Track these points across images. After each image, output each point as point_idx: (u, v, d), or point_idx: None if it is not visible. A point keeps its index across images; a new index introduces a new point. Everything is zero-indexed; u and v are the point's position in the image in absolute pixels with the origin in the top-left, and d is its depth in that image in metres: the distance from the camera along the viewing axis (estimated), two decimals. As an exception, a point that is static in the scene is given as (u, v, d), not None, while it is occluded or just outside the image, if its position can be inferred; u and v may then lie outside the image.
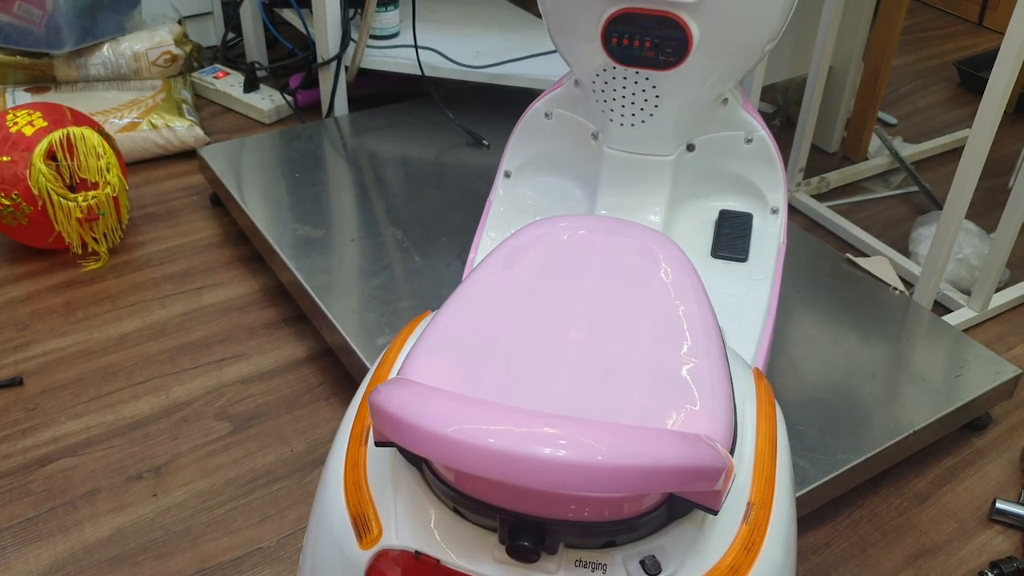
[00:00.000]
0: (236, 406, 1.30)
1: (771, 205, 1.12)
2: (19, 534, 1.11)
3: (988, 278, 1.46)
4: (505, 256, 0.75)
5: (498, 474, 0.50)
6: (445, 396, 0.54)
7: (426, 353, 0.64)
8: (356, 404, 0.72)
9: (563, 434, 0.51)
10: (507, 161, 1.15)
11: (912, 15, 2.72)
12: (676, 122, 1.04)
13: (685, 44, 0.96)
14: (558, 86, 1.11)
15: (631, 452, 0.50)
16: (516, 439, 0.50)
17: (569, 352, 0.66)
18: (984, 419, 1.31)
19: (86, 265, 1.55)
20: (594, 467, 0.49)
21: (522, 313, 0.69)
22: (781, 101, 2.08)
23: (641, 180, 1.08)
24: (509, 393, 0.62)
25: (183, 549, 1.10)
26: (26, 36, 1.80)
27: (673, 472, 0.51)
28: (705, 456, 0.52)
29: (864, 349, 1.27)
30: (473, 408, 0.52)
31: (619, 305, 0.70)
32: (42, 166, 1.42)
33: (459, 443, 0.50)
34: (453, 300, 0.70)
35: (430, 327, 0.67)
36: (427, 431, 0.51)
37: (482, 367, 0.64)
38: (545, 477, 0.49)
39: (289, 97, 2.00)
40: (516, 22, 1.99)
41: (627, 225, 0.79)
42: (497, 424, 0.51)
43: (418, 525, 0.60)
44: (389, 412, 0.54)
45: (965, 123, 2.10)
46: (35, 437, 1.24)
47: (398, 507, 0.61)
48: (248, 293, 1.51)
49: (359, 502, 0.63)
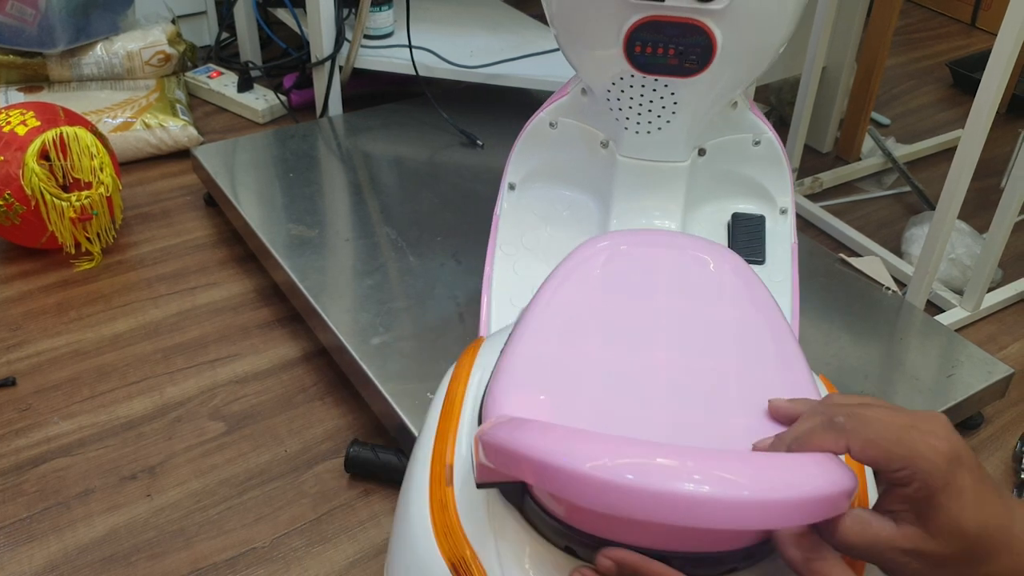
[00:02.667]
0: (230, 406, 1.30)
1: (780, 206, 1.11)
2: (12, 534, 1.11)
3: (980, 278, 1.47)
4: (567, 277, 0.72)
5: (663, 516, 0.48)
6: (586, 435, 0.51)
7: (512, 386, 0.62)
8: (429, 442, 0.68)
9: (720, 469, 0.49)
10: (511, 173, 1.12)
11: (905, 16, 2.73)
12: (691, 128, 1.03)
13: (710, 51, 0.94)
14: (562, 94, 1.09)
15: (777, 484, 0.49)
16: (684, 476, 0.48)
17: (660, 375, 0.63)
18: (976, 419, 1.32)
19: (79, 265, 1.55)
20: (762, 503, 0.48)
21: (602, 336, 0.66)
22: (775, 101, 2.09)
23: (656, 187, 1.07)
24: (610, 422, 0.60)
25: (177, 549, 1.10)
26: (19, 35, 1.79)
27: (820, 500, 0.49)
28: (840, 477, 0.51)
29: (857, 349, 1.27)
30: (627, 447, 0.50)
31: (697, 321, 0.68)
32: (35, 166, 1.42)
33: (614, 485, 0.48)
34: (525, 326, 0.67)
35: (507, 357, 0.64)
36: (583, 474, 0.48)
37: (575, 397, 0.61)
38: (713, 516, 0.48)
39: (283, 97, 2.00)
40: (511, 22, 1.99)
41: (686, 238, 0.77)
42: (661, 461, 0.49)
43: (526, 566, 0.57)
44: (526, 455, 0.51)
45: (958, 124, 2.11)
46: (28, 437, 1.24)
47: (500, 549, 0.58)
48: (242, 293, 1.51)
49: (455, 546, 0.60)
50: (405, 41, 1.75)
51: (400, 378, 1.17)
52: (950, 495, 0.50)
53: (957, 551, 0.50)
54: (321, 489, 1.18)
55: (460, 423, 0.67)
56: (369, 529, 1.13)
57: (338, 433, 1.26)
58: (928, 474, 0.50)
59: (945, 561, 0.51)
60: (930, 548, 0.50)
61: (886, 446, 0.51)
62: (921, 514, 0.51)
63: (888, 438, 0.51)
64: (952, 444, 0.51)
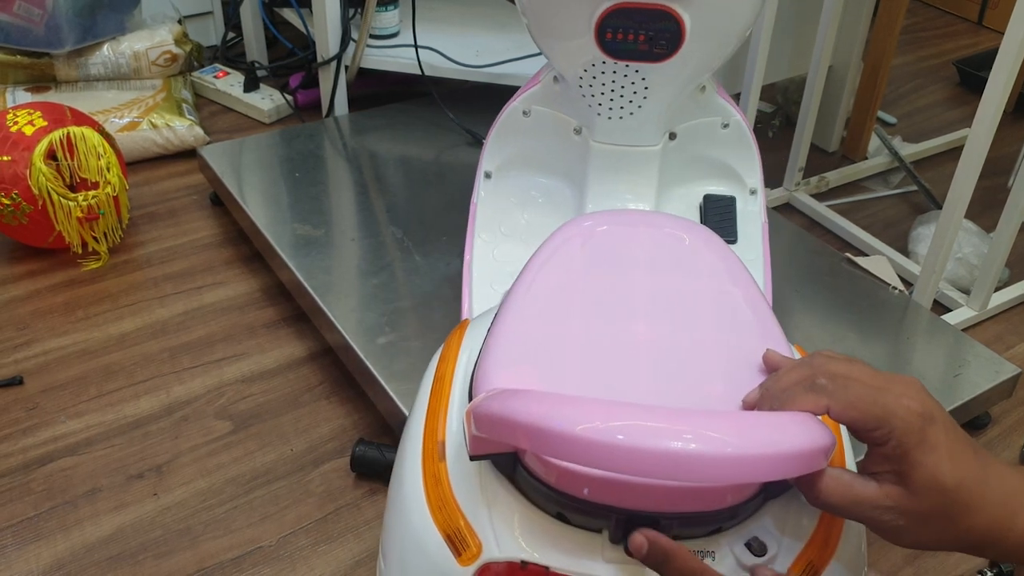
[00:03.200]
0: (236, 405, 1.30)
1: (749, 186, 1.14)
2: (19, 533, 1.12)
3: (987, 277, 1.46)
4: (549, 257, 0.74)
5: (653, 473, 0.50)
6: (578, 400, 0.54)
7: (501, 362, 0.64)
8: (420, 421, 0.70)
9: (707, 427, 0.51)
10: (486, 162, 1.15)
11: (912, 14, 2.72)
12: (662, 112, 1.05)
13: (679, 36, 0.97)
14: (534, 83, 1.11)
15: (761, 440, 0.51)
16: (672, 435, 0.50)
17: (641, 346, 0.66)
18: (983, 418, 1.31)
19: (86, 264, 1.55)
20: (743, 458, 0.50)
21: (584, 312, 0.68)
22: (781, 100, 2.08)
23: (630, 171, 1.09)
24: (596, 391, 0.62)
25: (183, 548, 1.10)
26: (26, 36, 1.80)
27: (801, 456, 0.52)
28: (819, 435, 0.53)
29: (863, 348, 1.27)
30: (618, 409, 0.53)
31: (676, 295, 0.70)
32: (42, 166, 1.42)
33: (606, 445, 0.50)
34: (510, 306, 0.69)
35: (494, 335, 0.66)
36: (578, 436, 0.50)
37: (562, 370, 0.63)
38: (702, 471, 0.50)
39: (289, 97, 2.00)
40: (516, 21, 1.99)
41: (662, 216, 0.80)
42: (649, 421, 0.52)
43: (520, 534, 0.59)
44: (522, 421, 0.52)
45: (965, 122, 2.10)
46: (35, 436, 1.24)
47: (494, 518, 0.60)
48: (248, 292, 1.51)
49: (449, 518, 0.62)
50: (411, 41, 1.76)
51: (406, 377, 1.17)
52: (925, 451, 0.52)
53: (937, 505, 0.53)
54: (327, 488, 1.18)
55: (451, 401, 0.69)
56: (375, 528, 1.13)
57: (344, 432, 1.26)
58: (903, 432, 0.52)
59: (926, 517, 0.53)
60: (911, 505, 0.53)
61: (863, 407, 0.53)
62: (900, 472, 0.53)
63: (865, 399, 0.53)
64: (924, 403, 0.54)
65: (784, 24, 1.69)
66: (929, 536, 0.54)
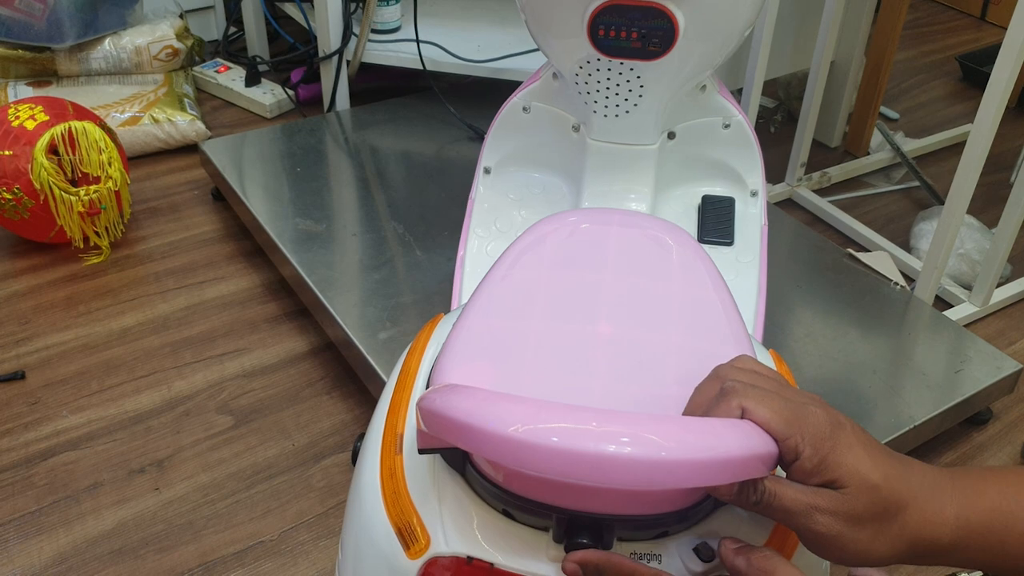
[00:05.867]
0: (238, 400, 1.30)
1: (751, 188, 1.14)
2: (21, 527, 1.12)
3: (989, 273, 1.46)
4: (520, 254, 0.74)
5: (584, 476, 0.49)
6: (513, 399, 0.53)
7: (458, 357, 0.64)
8: (383, 413, 0.71)
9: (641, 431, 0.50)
10: (486, 157, 1.15)
11: (914, 10, 2.72)
12: (659, 111, 1.05)
13: (672, 34, 0.96)
14: (535, 80, 1.11)
15: (698, 446, 0.51)
16: (599, 438, 0.50)
17: (601, 346, 0.65)
18: (985, 414, 1.31)
19: (88, 259, 1.55)
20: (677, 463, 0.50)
21: (548, 310, 0.68)
22: (783, 96, 2.08)
23: (626, 169, 1.09)
24: (550, 392, 0.62)
25: (185, 542, 1.11)
26: (27, 30, 1.80)
27: (737, 462, 0.51)
28: (758, 442, 0.53)
29: (865, 344, 1.27)
30: (551, 410, 0.52)
31: (642, 296, 0.70)
32: (44, 160, 1.42)
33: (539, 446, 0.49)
34: (475, 301, 0.69)
35: (456, 331, 0.66)
36: (507, 437, 0.50)
37: (518, 368, 0.63)
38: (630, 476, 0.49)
39: (290, 91, 2.00)
40: (517, 16, 1.99)
41: (638, 216, 0.79)
42: (581, 424, 0.51)
43: (467, 530, 0.59)
44: (455, 419, 0.52)
45: (967, 118, 2.10)
46: (37, 431, 1.24)
47: (443, 514, 0.60)
48: (249, 287, 1.51)
49: (401, 511, 0.62)
50: (412, 35, 1.75)
51: (407, 372, 1.17)
52: (842, 452, 0.52)
53: (869, 504, 0.52)
54: (328, 483, 1.18)
55: (412, 395, 0.69)
56: (376, 523, 1.14)
57: (345, 427, 1.26)
58: (815, 437, 0.52)
59: (860, 518, 0.52)
60: (844, 506, 0.52)
61: (775, 407, 0.53)
62: (826, 481, 0.53)
63: (775, 402, 0.54)
64: (830, 412, 0.54)
65: (786, 19, 1.68)
66: (866, 540, 0.53)
